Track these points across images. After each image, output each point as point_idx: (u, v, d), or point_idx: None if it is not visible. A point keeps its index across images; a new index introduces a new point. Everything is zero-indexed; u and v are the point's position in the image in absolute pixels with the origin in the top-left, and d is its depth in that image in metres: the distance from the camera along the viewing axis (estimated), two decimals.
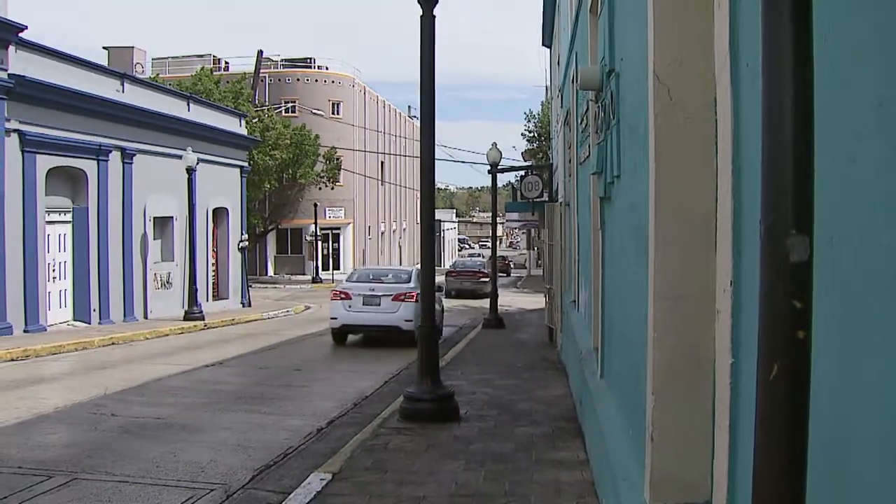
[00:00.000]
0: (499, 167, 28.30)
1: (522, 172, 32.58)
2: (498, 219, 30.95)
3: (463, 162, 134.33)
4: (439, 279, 36.65)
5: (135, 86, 27.91)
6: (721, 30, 3.17)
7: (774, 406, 1.48)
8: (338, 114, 63.51)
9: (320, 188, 58.22)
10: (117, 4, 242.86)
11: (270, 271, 62.02)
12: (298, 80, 63.74)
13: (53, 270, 23.49)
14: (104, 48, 54.40)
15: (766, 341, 1.50)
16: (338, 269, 62.38)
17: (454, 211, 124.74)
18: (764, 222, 1.50)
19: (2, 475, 7.79)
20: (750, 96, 2.75)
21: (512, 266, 79.28)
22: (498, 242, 31.45)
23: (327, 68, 66.06)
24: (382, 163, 73.45)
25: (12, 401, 12.10)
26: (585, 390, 8.91)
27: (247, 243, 36.40)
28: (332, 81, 64.88)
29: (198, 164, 26.86)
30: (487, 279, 27.44)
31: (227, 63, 64.19)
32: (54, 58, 22.89)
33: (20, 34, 20.84)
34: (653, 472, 4.19)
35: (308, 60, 65.98)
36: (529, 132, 61.49)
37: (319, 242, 58.63)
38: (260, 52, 56.89)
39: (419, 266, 11.22)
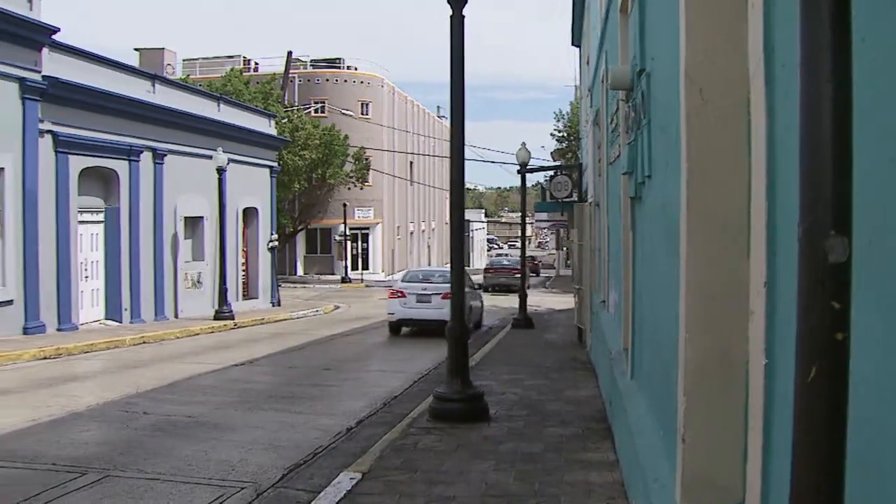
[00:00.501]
0: (528, 167, 28.26)
1: (552, 172, 32.60)
2: (527, 219, 30.90)
3: (493, 162, 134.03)
4: (477, 278, 37.77)
5: (165, 87, 28.10)
6: (755, 29, 3.15)
7: (813, 408, 1.47)
8: (367, 114, 63.68)
9: (349, 188, 58.45)
10: (148, 6, 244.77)
11: (300, 271, 62.29)
12: (327, 80, 63.99)
13: (86, 270, 23.73)
14: (135, 49, 54.95)
15: (805, 343, 1.49)
16: (367, 269, 62.66)
17: (483, 211, 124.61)
18: (802, 223, 1.49)
19: (36, 472, 7.88)
20: (785, 96, 2.73)
21: (541, 265, 79.37)
22: (527, 242, 31.52)
23: (356, 69, 66.28)
24: (411, 163, 73.53)
25: (46, 399, 12.24)
26: (615, 391, 8.89)
27: (276, 243, 36.55)
28: (361, 82, 65.07)
29: (228, 164, 27.06)
30: (520, 274, 28.92)
31: (256, 64, 64.60)
32: (86, 59, 23.12)
33: (53, 36, 21.05)
34: (684, 473, 4.17)
35: (337, 61, 66.26)
36: (559, 132, 61.37)
37: (348, 242, 58.77)
38: (289, 53, 57.18)
39: (450, 266, 11.21)
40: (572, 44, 31.36)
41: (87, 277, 23.78)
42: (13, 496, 7.00)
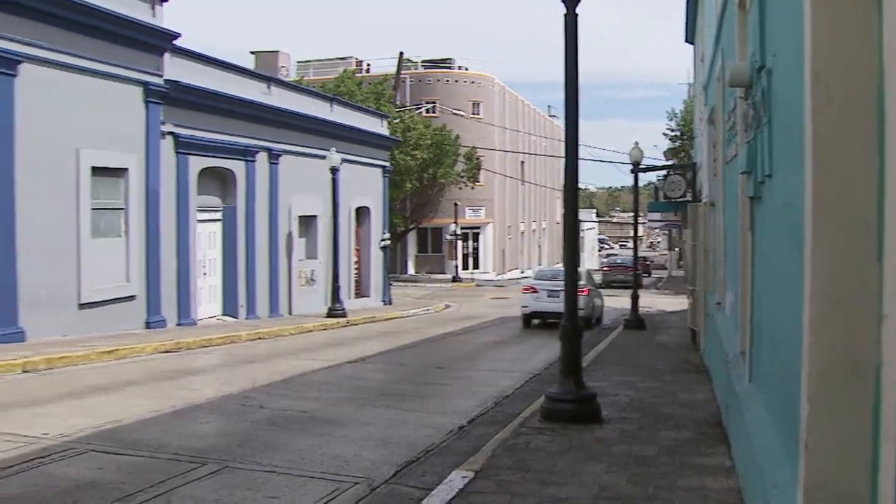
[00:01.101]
0: (640, 166, 27.96)
1: (664, 172, 32.14)
2: (639, 218, 30.59)
3: (612, 162, 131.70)
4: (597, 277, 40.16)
5: (280, 88, 28.71)
6: (891, 20, 3.04)
7: None
8: (478, 114, 63.88)
9: (460, 188, 58.77)
10: (262, 9, 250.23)
11: (410, 270, 62.83)
12: (438, 80, 64.41)
13: (204, 267, 24.41)
14: (251, 52, 56.53)
15: None
16: (477, 268, 62.92)
17: (594, 211, 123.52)
18: None
19: (159, 460, 8.15)
20: None
21: (652, 266, 78.67)
22: (638, 242, 31.40)
23: (467, 69, 66.56)
24: (522, 162, 73.45)
25: (168, 391, 12.65)
26: (731, 395, 8.70)
27: (388, 242, 36.92)
28: (472, 82, 65.29)
29: (341, 163, 27.47)
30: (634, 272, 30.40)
31: (368, 65, 65.46)
32: (205, 63, 23.79)
33: (174, 41, 21.71)
34: (807, 479, 4.05)
35: (448, 61, 66.63)
36: (671, 131, 60.50)
37: (459, 242, 59.09)
38: (401, 54, 57.74)
39: (563, 265, 11.15)
40: (686, 41, 30.87)
41: (205, 274, 24.47)
42: (139, 483, 7.25)
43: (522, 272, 70.52)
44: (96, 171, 19.27)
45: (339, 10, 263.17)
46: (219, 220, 25.30)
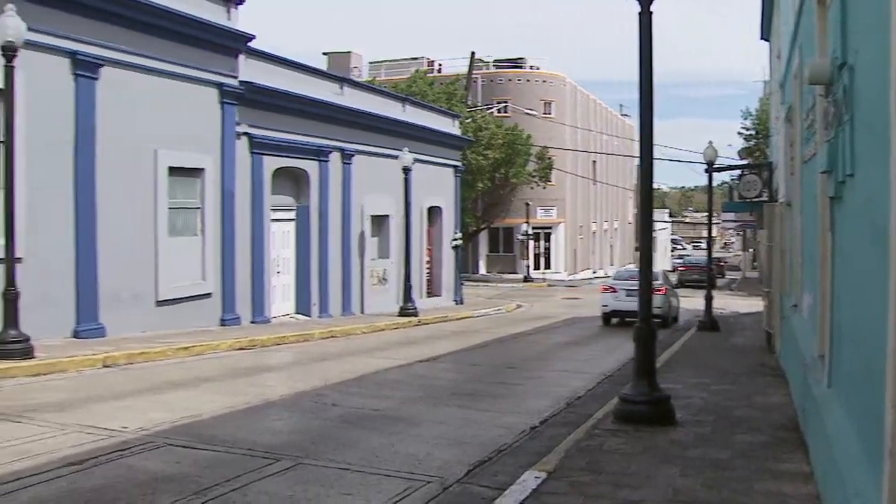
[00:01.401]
0: (715, 166, 27.61)
1: (739, 171, 31.67)
2: (712, 219, 30.23)
3: (690, 162, 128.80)
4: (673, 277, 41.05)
5: (353, 89, 28.95)
6: None
7: None
8: (549, 113, 63.69)
9: (532, 187, 58.70)
10: (335, 10, 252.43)
11: (482, 270, 62.87)
12: (510, 80, 64.42)
13: (278, 266, 24.72)
14: (324, 53, 57.19)
15: None
16: (549, 268, 62.74)
17: (667, 211, 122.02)
18: None
19: (234, 456, 8.27)
20: None
21: (725, 267, 77.88)
22: (712, 243, 31.11)
23: (538, 68, 66.46)
24: (594, 162, 72.99)
25: (242, 387, 12.86)
26: (809, 399, 8.53)
27: (460, 242, 36.93)
28: (544, 81, 65.14)
29: (413, 163, 27.56)
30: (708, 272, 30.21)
31: (440, 65, 65.66)
32: (278, 64, 24.11)
33: (248, 43, 22.01)
34: (891, 487, 3.96)
35: (519, 60, 66.59)
36: (746, 130, 59.59)
37: (531, 241, 58.99)
38: (472, 54, 57.82)
39: (638, 270, 11.09)
40: (761, 38, 30.40)
41: (278, 273, 24.78)
42: (215, 477, 7.39)
43: (594, 272, 70.17)
44: (173, 171, 19.65)
45: (410, 11, 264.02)
46: (292, 219, 25.60)
